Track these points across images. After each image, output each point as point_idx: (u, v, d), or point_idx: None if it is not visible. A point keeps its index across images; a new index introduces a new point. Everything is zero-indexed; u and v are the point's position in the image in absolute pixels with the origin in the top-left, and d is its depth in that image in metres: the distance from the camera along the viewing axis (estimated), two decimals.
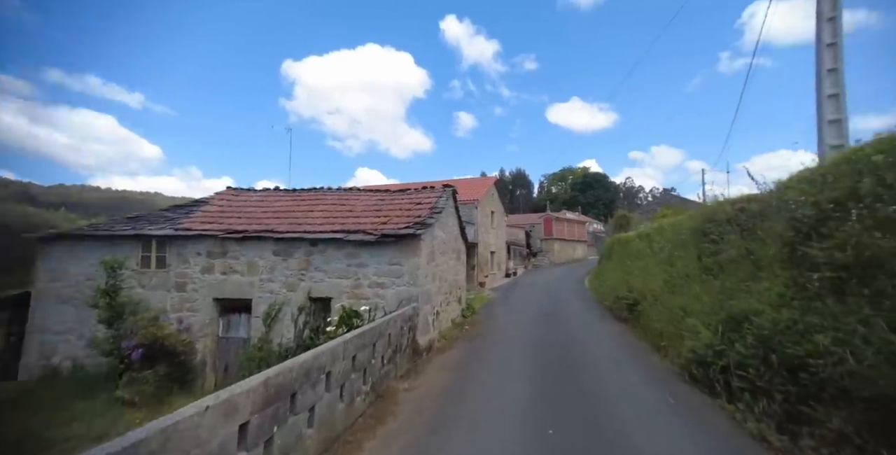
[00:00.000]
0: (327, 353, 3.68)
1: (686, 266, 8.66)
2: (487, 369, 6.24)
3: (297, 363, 3.17)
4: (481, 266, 22.18)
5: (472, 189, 23.19)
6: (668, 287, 8.52)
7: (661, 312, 7.68)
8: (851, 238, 4.05)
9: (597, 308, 12.87)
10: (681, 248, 9.54)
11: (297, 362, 3.17)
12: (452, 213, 10.28)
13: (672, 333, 6.71)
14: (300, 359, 3.27)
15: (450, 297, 9.78)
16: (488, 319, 11.05)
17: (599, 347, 7.57)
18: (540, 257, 38.57)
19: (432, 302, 7.92)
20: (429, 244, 7.72)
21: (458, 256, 11.05)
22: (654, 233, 13.43)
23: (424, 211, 8.04)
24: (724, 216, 8.63)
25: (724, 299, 5.91)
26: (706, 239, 8.82)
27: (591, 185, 76.18)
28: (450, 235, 9.91)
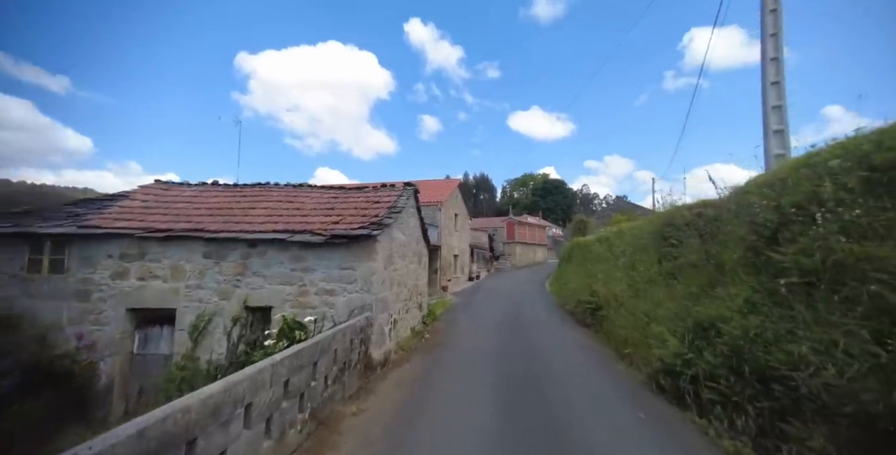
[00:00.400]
0: (246, 381, 2.94)
1: (648, 270, 8.66)
2: (447, 385, 5.68)
3: (198, 400, 2.43)
4: (444, 270, 21.70)
5: (435, 191, 22.70)
6: (632, 291, 8.46)
7: (625, 318, 7.56)
8: (817, 242, 3.98)
9: (559, 312, 12.79)
10: (642, 252, 9.59)
11: (197, 398, 2.43)
12: (414, 213, 9.68)
13: (637, 340, 6.55)
14: (204, 392, 2.52)
15: (410, 304, 9.15)
16: (450, 327, 10.52)
17: (564, 357, 7.27)
18: (502, 261, 38.84)
19: (389, 310, 7.25)
20: (386, 246, 7.07)
21: (419, 260, 10.44)
22: (613, 237, 13.64)
23: (382, 210, 7.37)
24: (682, 221, 8.75)
25: (689, 305, 5.80)
26: (666, 243, 8.90)
27: (551, 191, 78.88)
28: (410, 237, 9.30)
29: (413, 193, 9.24)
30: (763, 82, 8.53)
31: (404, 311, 8.56)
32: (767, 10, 8.58)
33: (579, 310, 11.26)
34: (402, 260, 8.41)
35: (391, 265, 7.44)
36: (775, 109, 8.28)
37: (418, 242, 10.28)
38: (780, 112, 8.26)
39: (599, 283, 10.82)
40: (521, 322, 11.05)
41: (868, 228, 3.55)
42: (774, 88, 8.37)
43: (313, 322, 5.75)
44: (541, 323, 10.89)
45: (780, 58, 8.37)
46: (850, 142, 4.47)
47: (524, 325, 10.50)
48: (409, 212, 8.97)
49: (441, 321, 11.44)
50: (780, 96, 8.30)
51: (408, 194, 8.69)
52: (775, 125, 8.23)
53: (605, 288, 9.58)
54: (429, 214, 21.21)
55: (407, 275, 8.83)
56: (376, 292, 6.44)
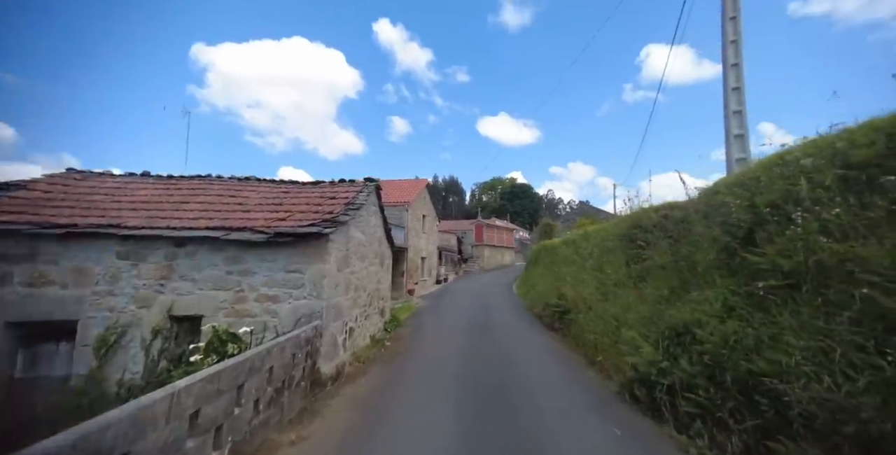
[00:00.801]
0: (123, 421, 2.19)
1: (616, 273, 8.49)
2: (406, 403, 5.06)
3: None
4: (411, 272, 20.99)
5: (402, 191, 22.00)
6: (601, 294, 8.24)
7: (595, 322, 7.28)
8: (795, 243, 3.78)
9: (527, 316, 12.50)
10: (609, 255, 9.46)
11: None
12: (376, 211, 8.98)
13: (608, 346, 6.25)
14: (37, 448, 1.76)
15: (370, 310, 8.43)
16: (415, 333, 9.88)
17: (533, 364, 6.86)
18: (470, 263, 38.63)
19: (344, 317, 6.52)
20: (341, 246, 6.35)
21: (381, 262, 9.74)
22: (580, 239, 13.60)
23: (338, 206, 6.65)
24: (649, 222, 8.67)
25: (661, 309, 5.55)
26: (633, 245, 8.79)
27: (518, 195, 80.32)
28: (372, 237, 8.59)
29: (375, 189, 8.56)
30: (724, 88, 8.65)
31: (363, 317, 7.83)
32: (727, 17, 8.73)
33: (547, 313, 11.01)
34: (361, 262, 7.70)
35: (347, 267, 6.72)
36: (736, 114, 8.41)
37: (381, 243, 9.58)
38: (741, 117, 8.41)
39: (567, 286, 10.62)
40: (488, 326, 10.61)
41: (849, 228, 3.36)
42: (735, 94, 8.51)
43: (250, 333, 4.93)
44: (508, 327, 10.51)
45: (741, 64, 8.53)
46: (821, 140, 4.36)
47: (491, 330, 10.06)
48: (370, 209, 8.27)
49: (405, 327, 10.77)
50: (741, 102, 8.45)
51: (369, 190, 8.00)
52: (736, 130, 8.35)
53: (574, 291, 9.35)
54: (395, 215, 20.47)
55: (367, 278, 8.12)
56: (328, 298, 5.71)
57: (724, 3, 8.78)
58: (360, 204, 7.15)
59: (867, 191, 3.41)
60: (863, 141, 3.61)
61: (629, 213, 9.62)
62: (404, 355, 7.54)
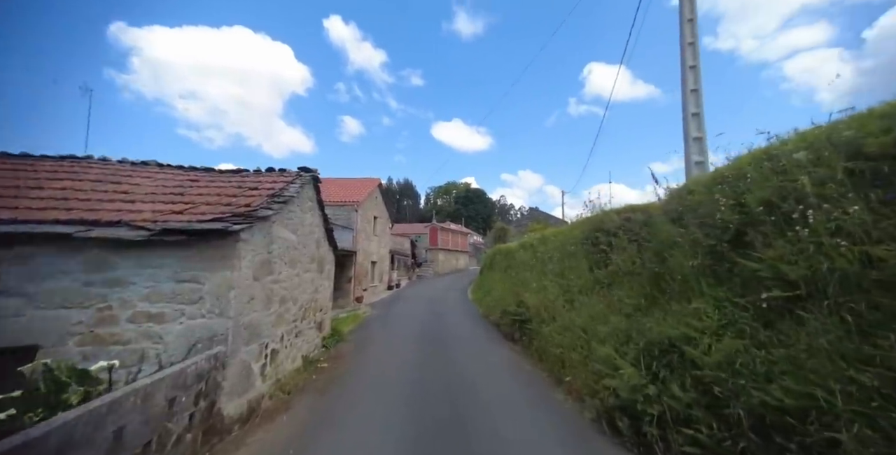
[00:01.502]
0: None
1: (580, 278, 7.94)
2: (337, 451, 3.89)
3: None
4: (360, 278, 19.46)
5: (351, 190, 20.46)
6: (565, 302, 7.61)
7: (561, 334, 6.59)
8: (802, 246, 3.26)
9: (483, 324, 11.71)
10: (571, 259, 8.94)
11: None
12: (313, 208, 7.65)
13: (577, 362, 5.54)
14: None
15: (303, 325, 7.06)
16: (358, 349, 8.61)
17: (494, 384, 5.98)
18: (425, 267, 37.56)
19: (263, 338, 5.16)
20: (260, 248, 5.02)
21: (321, 267, 8.38)
22: (538, 243, 13.16)
23: (259, 199, 5.31)
24: (612, 225, 8.27)
25: (637, 321, 4.93)
26: (596, 249, 8.33)
27: (473, 199, 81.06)
28: (307, 239, 7.25)
29: (311, 182, 7.25)
30: (683, 90, 8.54)
31: (292, 335, 6.46)
32: (685, 19, 8.68)
33: (505, 322, 10.28)
34: (292, 268, 6.35)
35: (270, 275, 5.37)
36: (694, 117, 8.31)
37: (319, 245, 8.23)
38: (699, 120, 8.31)
39: (527, 292, 9.98)
40: (442, 338, 9.63)
41: (874, 228, 2.85)
42: (693, 96, 8.42)
43: (108, 370, 3.47)
44: (464, 339, 9.60)
45: (698, 66, 8.47)
46: (812, 133, 3.97)
47: (446, 343, 9.09)
48: (304, 205, 6.94)
49: (348, 342, 9.44)
50: (699, 104, 8.37)
51: (303, 182, 6.69)
52: (695, 132, 8.23)
53: (536, 298, 8.69)
54: (343, 216, 18.89)
55: (299, 287, 6.76)
56: (237, 315, 4.37)
57: (682, 4, 8.75)
58: (289, 197, 5.84)
59: (888, 185, 2.93)
60: (875, 128, 3.16)
61: (590, 215, 9.21)
62: (342, 380, 6.29)
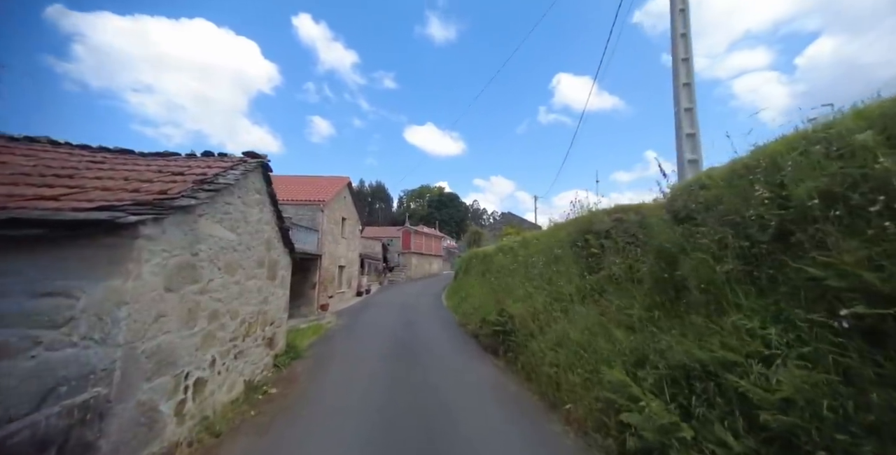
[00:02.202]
0: None
1: (570, 284, 7.16)
2: None
3: None
4: (326, 284, 17.97)
5: (317, 188, 18.99)
6: (557, 311, 6.78)
7: (553, 350, 5.73)
8: None
9: (461, 335, 10.72)
10: (558, 264, 8.17)
11: None
12: (262, 202, 6.41)
13: (577, 385, 4.67)
14: None
15: (245, 344, 5.79)
16: (317, 368, 7.37)
17: (476, 411, 5.00)
18: (397, 272, 36.20)
19: (182, 367, 3.92)
20: (178, 248, 3.80)
21: (271, 273, 7.11)
22: (518, 246, 12.42)
23: (181, 185, 4.08)
24: (603, 227, 7.58)
25: (650, 337, 4.13)
26: (586, 253, 7.61)
27: (446, 203, 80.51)
28: (254, 239, 6.01)
29: (259, 170, 6.03)
30: (675, 84, 8.06)
31: (230, 356, 5.19)
32: (677, 9, 8.22)
33: (485, 332, 9.36)
34: (229, 274, 5.11)
35: (195, 282, 4.14)
36: (687, 112, 7.83)
37: (271, 248, 6.97)
38: (692, 115, 7.83)
39: (509, 299, 9.13)
40: (415, 352, 8.55)
41: None
42: (686, 90, 7.94)
43: None
44: (440, 352, 8.57)
45: (691, 59, 8.03)
46: (873, 108, 3.32)
47: (419, 358, 8.03)
48: (248, 197, 5.72)
49: (306, 358, 8.16)
50: (691, 99, 7.90)
51: (247, 169, 5.47)
52: (688, 128, 7.74)
53: (522, 307, 7.82)
54: (307, 216, 17.40)
55: (240, 297, 5.51)
56: (133, 339, 3.14)
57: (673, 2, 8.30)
58: (225, 185, 4.64)
59: None
60: None
61: (578, 216, 8.51)
62: (291, 411, 5.09)
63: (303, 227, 15.51)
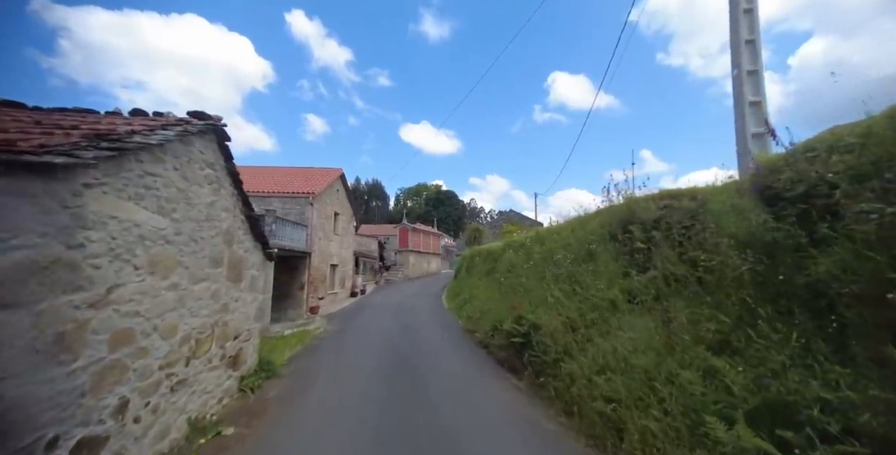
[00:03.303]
0: None
1: (612, 286, 5.73)
2: None
3: None
4: (316, 284, 16.47)
5: (306, 179, 17.44)
6: (600, 321, 5.35)
7: (605, 376, 4.27)
8: None
9: (468, 345, 9.26)
10: (591, 261, 6.73)
11: None
12: (216, 181, 4.90)
13: (659, 437, 3.22)
14: None
15: (194, 368, 4.30)
16: (293, 393, 5.89)
17: None
18: (394, 271, 34.70)
19: (37, 432, 2.43)
20: (36, 234, 2.30)
21: (234, 274, 5.62)
22: (531, 242, 10.97)
23: (62, 138, 2.58)
24: (649, 216, 6.15)
25: (784, 373, 2.69)
26: (629, 248, 6.18)
27: (443, 201, 79.05)
28: (201, 228, 4.52)
29: (211, 136, 4.52)
30: (733, 41, 6.58)
31: (161, 392, 3.70)
32: None
33: (499, 342, 7.93)
34: (161, 276, 3.62)
35: (77, 291, 2.66)
36: (751, 75, 6.36)
37: (232, 241, 5.48)
38: (757, 79, 6.39)
39: (527, 304, 7.68)
40: (416, 367, 7.09)
41: None
42: (748, 48, 6.46)
43: None
44: (446, 368, 7.11)
45: (755, 9, 6.57)
46: None
47: (421, 376, 6.57)
48: (191, 172, 4.21)
49: (283, 377, 6.68)
50: (756, 59, 6.42)
51: (187, 131, 3.96)
52: (751, 95, 6.28)
53: (546, 314, 6.37)
54: (296, 210, 15.86)
55: (179, 308, 4.01)
56: None
57: None
58: (141, 146, 3.13)
59: None
60: None
61: (616, 203, 7.07)
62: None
63: (290, 221, 13.98)
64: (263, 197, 15.53)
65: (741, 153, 6.31)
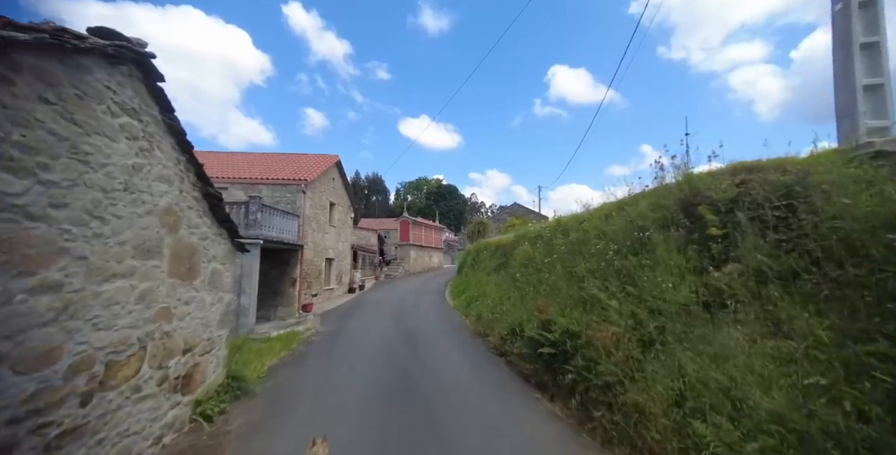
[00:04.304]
0: None
1: (681, 285, 4.35)
2: None
3: None
4: (310, 280, 15.14)
5: (298, 166, 16.03)
6: (669, 331, 3.97)
7: (709, 422, 2.90)
8: None
9: (481, 351, 7.90)
10: (645, 253, 5.34)
11: None
12: (142, 135, 3.48)
13: None
14: None
15: (95, 410, 2.95)
16: (263, 423, 4.54)
17: None
18: (394, 266, 33.40)
19: None
20: None
21: (185, 267, 4.25)
22: (552, 233, 9.56)
23: None
24: (723, 195, 4.75)
25: None
26: (698, 235, 4.80)
27: (445, 196, 77.62)
28: (113, 200, 3.14)
29: (130, 65, 3.10)
30: None
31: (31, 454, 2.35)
32: None
33: (520, 351, 6.59)
34: (21, 274, 2.23)
35: None
36: (863, 8, 4.91)
37: (180, 225, 4.09)
38: (873, 14, 4.93)
39: (555, 305, 6.31)
40: (422, 386, 5.74)
41: None
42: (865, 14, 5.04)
43: None
44: (460, 386, 5.75)
45: None
46: None
47: (428, 398, 5.21)
48: (81, 112, 2.79)
49: (255, 397, 5.34)
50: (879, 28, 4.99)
51: (77, 48, 2.54)
52: (862, 35, 4.81)
53: (595, 321, 4.99)
54: (287, 199, 14.46)
55: (69, 319, 2.64)
56: None
57: None
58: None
59: None
60: None
61: (677, 180, 5.65)
62: None
63: (279, 210, 12.59)
64: (250, 184, 14.13)
65: (845, 112, 4.88)
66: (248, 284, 10.86)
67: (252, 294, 10.97)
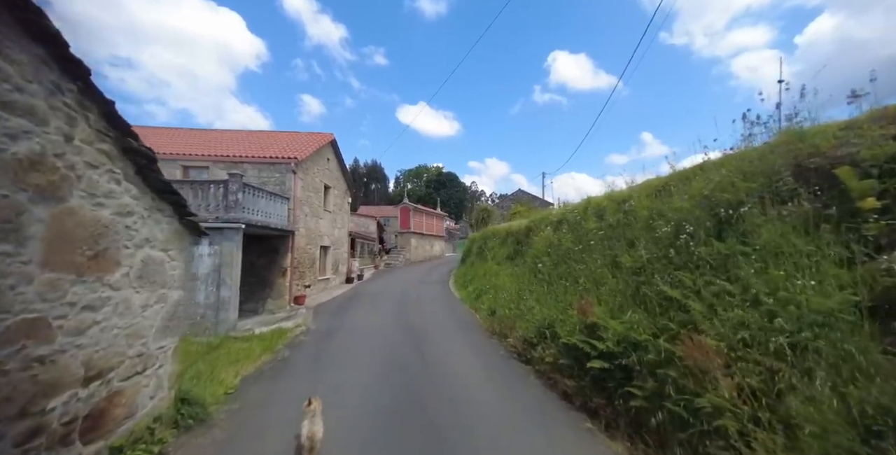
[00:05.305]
0: None
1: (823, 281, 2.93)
2: None
3: None
4: (302, 270, 13.79)
5: (287, 143, 14.46)
6: (815, 354, 2.55)
7: None
8: None
9: (500, 357, 6.55)
10: (728, 237, 3.93)
11: None
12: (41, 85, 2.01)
13: None
14: None
15: None
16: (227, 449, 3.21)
17: None
18: (394, 254, 32.09)
19: None
20: None
21: (74, 257, 2.86)
22: (580, 215, 8.11)
23: None
24: (866, 153, 3.30)
25: None
26: (839, 210, 3.37)
27: (445, 183, 75.97)
28: None
29: None
30: None
31: None
32: None
33: (554, 359, 5.25)
34: None
35: None
36: None
37: (72, 190, 2.65)
38: None
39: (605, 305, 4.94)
40: (426, 401, 4.42)
41: None
42: None
43: None
44: (478, 403, 4.43)
45: None
46: None
47: (434, 423, 3.90)
48: None
49: (214, 427, 4.02)
50: None
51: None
52: None
53: (678, 330, 3.60)
54: (275, 179, 12.97)
55: None
56: None
57: None
58: None
59: None
60: None
61: (783, 136, 4.19)
62: None
63: (265, 192, 11.11)
64: (234, 163, 12.61)
65: None
66: (228, 275, 9.49)
67: (234, 286, 9.61)
